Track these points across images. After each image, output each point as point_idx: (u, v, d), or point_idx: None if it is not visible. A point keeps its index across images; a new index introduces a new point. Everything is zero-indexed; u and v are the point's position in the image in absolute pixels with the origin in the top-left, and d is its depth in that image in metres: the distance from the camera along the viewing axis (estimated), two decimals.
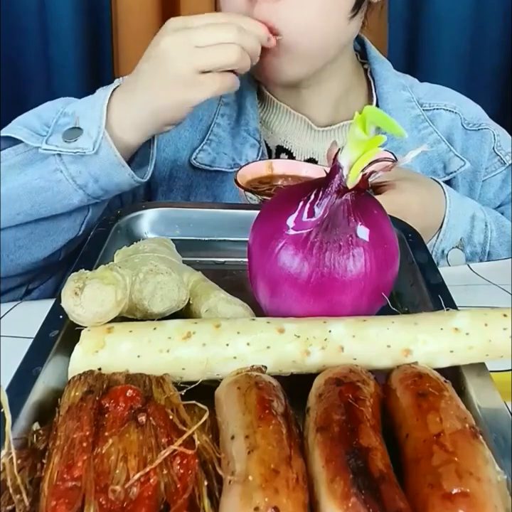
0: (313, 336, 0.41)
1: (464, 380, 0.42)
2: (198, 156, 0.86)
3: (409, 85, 0.93)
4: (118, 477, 0.32)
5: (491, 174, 0.92)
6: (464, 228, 0.78)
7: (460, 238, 0.77)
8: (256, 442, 0.32)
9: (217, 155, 0.86)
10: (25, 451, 0.34)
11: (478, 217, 0.80)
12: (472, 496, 0.30)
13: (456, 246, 0.77)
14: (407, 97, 0.91)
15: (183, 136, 0.88)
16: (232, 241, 0.63)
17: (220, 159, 0.86)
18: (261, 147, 0.85)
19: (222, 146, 0.86)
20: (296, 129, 0.88)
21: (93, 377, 0.38)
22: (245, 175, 0.74)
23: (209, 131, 0.87)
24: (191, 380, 0.40)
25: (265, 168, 0.77)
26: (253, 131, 0.86)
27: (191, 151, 0.87)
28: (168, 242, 0.56)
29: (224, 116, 0.88)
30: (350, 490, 0.30)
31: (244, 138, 0.86)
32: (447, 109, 0.93)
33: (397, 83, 0.92)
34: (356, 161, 0.43)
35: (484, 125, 0.93)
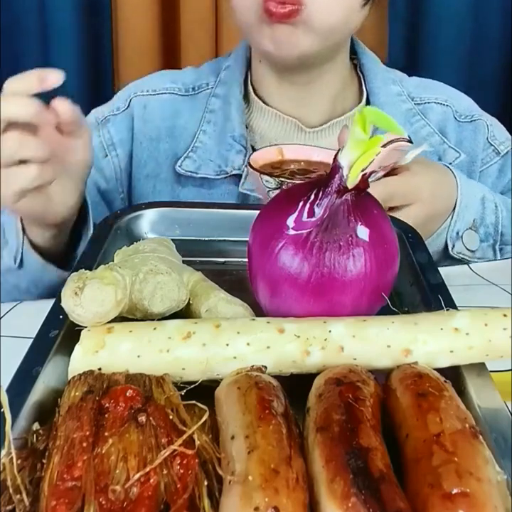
0: (313, 335, 0.41)
1: (464, 380, 0.42)
2: (184, 164, 0.86)
3: (398, 79, 0.93)
4: (118, 477, 0.32)
5: (487, 165, 0.92)
6: (476, 209, 0.78)
7: (473, 219, 0.78)
8: (256, 442, 0.32)
9: (203, 162, 0.86)
10: (25, 451, 0.34)
11: (487, 198, 0.80)
12: (472, 495, 0.30)
13: (470, 227, 0.77)
14: (398, 91, 0.91)
15: (162, 149, 0.88)
16: (232, 241, 0.63)
17: (205, 166, 0.85)
18: (247, 153, 0.84)
19: (208, 153, 0.86)
20: (286, 133, 0.87)
21: (93, 377, 0.38)
22: (257, 160, 0.73)
23: (195, 139, 0.87)
24: (191, 380, 0.40)
25: (276, 154, 0.76)
26: (239, 137, 0.85)
27: (174, 162, 0.87)
28: (168, 242, 0.56)
29: (210, 123, 0.88)
30: (350, 490, 0.30)
31: (230, 144, 0.85)
32: (438, 102, 0.92)
33: (387, 77, 0.91)
34: (356, 161, 0.43)
35: (477, 116, 0.92)
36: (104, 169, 0.89)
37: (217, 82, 0.90)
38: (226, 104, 0.87)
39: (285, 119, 0.87)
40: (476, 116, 0.93)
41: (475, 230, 0.78)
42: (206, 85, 0.90)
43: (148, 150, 0.88)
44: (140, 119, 0.89)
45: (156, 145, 0.88)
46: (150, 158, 0.88)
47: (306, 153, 0.77)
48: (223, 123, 0.87)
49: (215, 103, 0.88)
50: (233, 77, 0.88)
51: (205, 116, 0.88)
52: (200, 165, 0.86)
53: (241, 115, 0.87)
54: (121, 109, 0.90)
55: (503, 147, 0.93)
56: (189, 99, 0.90)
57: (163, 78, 0.93)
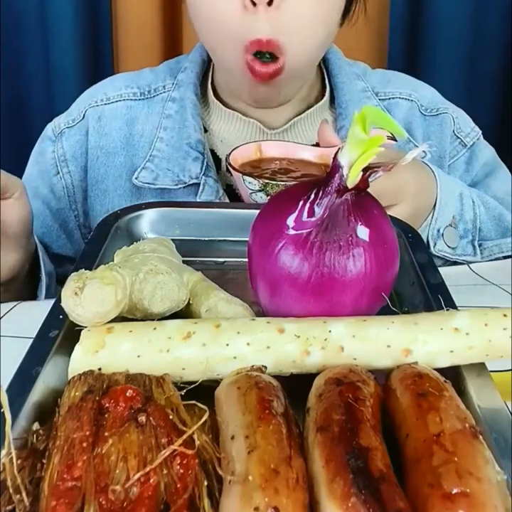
0: (313, 335, 0.41)
1: (464, 380, 0.42)
2: (140, 175, 0.83)
3: (362, 74, 0.91)
4: (118, 477, 0.32)
5: (454, 158, 0.91)
6: (454, 206, 0.77)
7: (452, 216, 0.77)
8: (256, 442, 0.32)
9: (161, 171, 0.82)
10: (25, 451, 0.34)
11: (465, 194, 0.79)
12: (472, 495, 0.30)
13: (450, 224, 0.77)
14: (362, 86, 0.89)
15: (117, 163, 0.85)
16: (232, 241, 0.63)
17: (163, 176, 0.82)
18: (205, 159, 0.82)
19: (166, 161, 0.83)
20: (248, 135, 0.85)
21: (93, 377, 0.38)
22: (236, 159, 0.71)
23: (152, 147, 0.84)
24: (191, 380, 0.40)
25: (254, 151, 0.74)
26: (195, 143, 0.82)
27: (131, 175, 0.84)
28: (168, 242, 0.56)
29: (167, 129, 0.84)
30: (350, 490, 0.30)
31: (186, 151, 0.82)
32: (403, 97, 0.91)
33: (351, 72, 0.90)
34: (356, 161, 0.43)
35: (442, 109, 0.91)
36: (55, 187, 0.87)
37: (174, 85, 0.86)
38: (182, 108, 0.84)
39: (246, 121, 0.84)
40: (441, 109, 0.91)
41: (454, 226, 0.77)
42: (163, 88, 0.87)
43: (104, 165, 0.86)
44: (95, 133, 0.86)
45: (112, 159, 0.85)
46: (107, 173, 0.86)
47: (285, 151, 0.74)
48: (180, 129, 0.84)
49: (171, 107, 0.85)
50: (189, 79, 0.86)
51: (161, 122, 0.85)
52: (158, 175, 0.82)
53: (197, 120, 0.84)
54: (76, 120, 0.88)
55: (469, 139, 0.91)
56: (145, 103, 0.87)
57: (118, 83, 0.89)
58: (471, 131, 0.92)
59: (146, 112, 0.86)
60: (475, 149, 0.92)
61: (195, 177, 0.81)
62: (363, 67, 0.94)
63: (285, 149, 0.75)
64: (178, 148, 0.83)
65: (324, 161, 0.73)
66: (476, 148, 0.92)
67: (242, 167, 0.71)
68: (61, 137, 0.87)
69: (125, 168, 0.85)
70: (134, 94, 0.87)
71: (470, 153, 0.92)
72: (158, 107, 0.86)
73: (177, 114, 0.84)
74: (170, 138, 0.84)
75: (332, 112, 0.89)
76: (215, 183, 0.81)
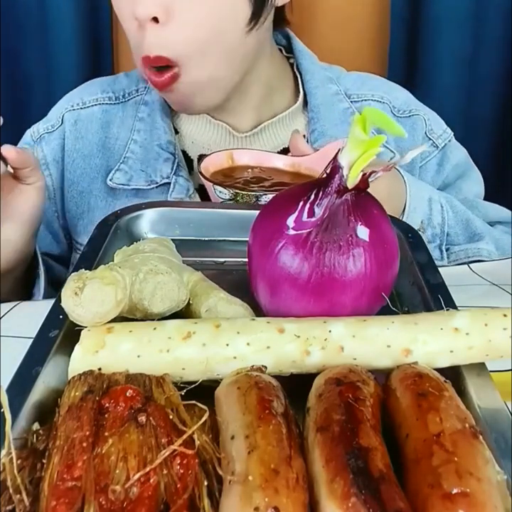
0: (313, 335, 0.41)
1: (464, 380, 0.42)
2: (114, 177, 0.85)
3: (336, 77, 0.92)
4: (118, 477, 0.32)
5: (425, 160, 0.92)
6: (423, 211, 0.78)
7: (421, 221, 0.77)
8: (256, 442, 0.32)
9: (135, 173, 0.84)
10: (25, 451, 0.34)
11: (434, 199, 0.80)
12: (472, 496, 0.30)
13: (418, 229, 0.77)
14: (335, 90, 0.90)
15: (93, 164, 0.87)
16: (232, 241, 0.63)
17: (137, 177, 0.84)
18: (176, 159, 0.83)
19: (139, 162, 0.85)
20: (218, 137, 0.87)
21: (93, 377, 0.38)
22: (208, 167, 0.71)
23: (126, 149, 0.86)
24: (191, 380, 0.40)
25: (226, 159, 0.74)
26: (165, 144, 0.84)
27: (106, 175, 0.86)
28: (168, 242, 0.56)
29: (140, 131, 0.86)
30: (350, 490, 0.30)
31: (157, 153, 0.84)
32: (375, 99, 0.92)
33: (324, 76, 0.90)
34: (356, 161, 0.43)
35: (414, 111, 0.92)
36: None
37: (147, 89, 0.89)
38: (153, 111, 0.86)
39: (215, 123, 0.86)
40: (413, 111, 0.92)
41: (423, 231, 0.78)
42: (136, 92, 0.89)
43: (81, 167, 0.87)
44: (71, 137, 0.88)
45: (88, 161, 0.87)
46: (83, 175, 0.87)
47: (257, 159, 0.75)
48: (151, 131, 0.86)
49: (144, 111, 0.87)
50: None
51: (135, 125, 0.87)
52: (132, 176, 0.84)
53: (166, 121, 0.86)
54: (55, 126, 0.89)
55: (440, 140, 0.92)
56: (120, 107, 0.89)
57: (94, 88, 0.91)
58: (443, 133, 0.93)
59: (121, 116, 0.89)
60: (446, 151, 0.92)
61: (166, 177, 0.83)
62: (338, 71, 0.95)
63: (257, 157, 0.75)
64: (150, 150, 0.85)
65: (296, 169, 0.74)
66: (448, 150, 0.92)
67: (213, 175, 0.71)
68: (40, 142, 0.89)
69: (101, 170, 0.87)
70: (109, 99, 0.90)
71: (441, 155, 0.92)
72: (132, 110, 0.88)
73: (149, 117, 0.87)
74: (143, 140, 0.86)
75: (305, 116, 0.90)
76: (185, 182, 0.83)
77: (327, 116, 0.87)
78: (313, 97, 0.88)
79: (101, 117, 0.88)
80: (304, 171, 0.74)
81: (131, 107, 0.89)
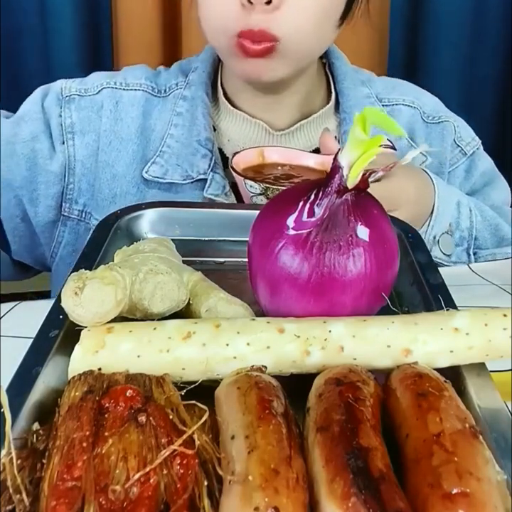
0: (313, 335, 0.41)
1: (464, 380, 0.42)
2: (150, 169, 0.84)
3: (366, 80, 0.93)
4: (118, 477, 0.32)
5: (454, 166, 0.93)
6: (451, 214, 0.79)
7: (449, 224, 0.78)
8: (256, 442, 0.32)
9: (170, 167, 0.84)
10: (25, 451, 0.34)
11: (462, 203, 0.81)
12: (472, 495, 0.30)
13: (446, 232, 0.78)
14: (367, 92, 0.91)
15: (130, 149, 0.86)
16: (232, 241, 0.63)
17: (172, 171, 0.84)
18: (213, 157, 0.84)
19: (175, 157, 0.85)
20: (254, 135, 0.87)
21: (93, 377, 0.38)
22: (239, 163, 0.72)
23: (162, 142, 0.86)
24: (191, 380, 0.40)
25: (256, 156, 0.75)
26: (204, 141, 0.84)
27: (142, 164, 0.85)
28: (168, 242, 0.56)
29: (177, 126, 0.86)
30: (350, 490, 0.30)
31: (195, 148, 0.84)
32: (406, 104, 0.92)
33: (356, 78, 0.91)
34: (356, 161, 0.43)
35: (444, 117, 0.93)
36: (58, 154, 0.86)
37: (186, 84, 0.89)
38: (193, 106, 0.86)
39: (253, 122, 0.86)
40: (443, 117, 0.93)
41: (450, 234, 0.79)
42: (175, 86, 0.89)
43: (116, 150, 0.86)
44: (111, 117, 0.86)
45: (125, 145, 0.86)
46: (118, 158, 0.86)
47: (287, 157, 0.76)
48: (190, 126, 0.86)
49: (182, 106, 0.87)
50: (200, 79, 0.88)
51: (172, 119, 0.87)
52: (168, 170, 0.84)
53: (207, 118, 0.86)
54: (89, 92, 0.87)
55: (469, 148, 0.93)
56: (160, 100, 0.89)
57: (138, 72, 0.90)
58: (472, 141, 0.94)
59: (159, 109, 0.88)
60: (474, 158, 0.93)
61: (203, 172, 0.83)
62: (368, 74, 0.96)
63: (287, 155, 0.76)
64: (187, 145, 0.85)
65: (325, 168, 0.75)
66: (476, 158, 0.94)
67: (244, 171, 0.72)
68: (69, 102, 0.86)
69: (137, 156, 0.86)
70: (152, 89, 0.89)
71: (469, 162, 0.93)
72: (170, 104, 0.88)
73: (187, 112, 0.86)
74: (180, 135, 0.86)
75: (336, 117, 0.90)
76: (222, 180, 0.83)
77: None
78: (345, 97, 0.88)
79: (142, 104, 0.87)
80: None
81: (169, 101, 0.88)
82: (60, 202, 0.86)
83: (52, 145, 0.85)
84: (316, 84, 0.90)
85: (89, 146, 0.86)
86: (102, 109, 0.87)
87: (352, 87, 0.89)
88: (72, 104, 0.86)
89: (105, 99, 0.87)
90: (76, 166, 0.86)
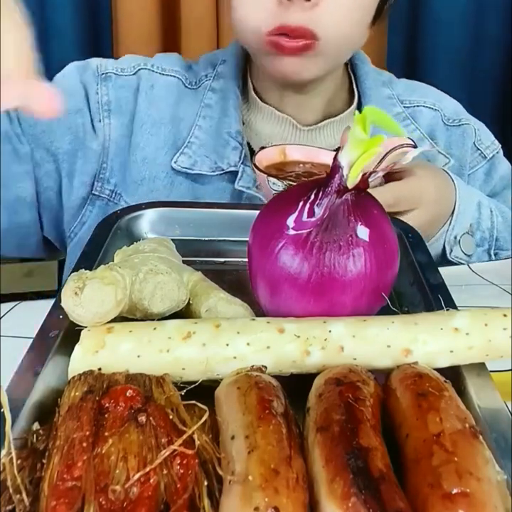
0: (313, 335, 0.41)
1: (464, 380, 0.42)
2: (179, 160, 0.84)
3: (388, 81, 0.93)
4: (118, 477, 0.32)
5: (474, 169, 0.93)
6: (472, 214, 0.79)
7: (470, 224, 0.78)
8: (256, 442, 0.32)
9: (199, 158, 0.84)
10: (25, 451, 0.34)
11: (483, 203, 0.81)
12: (472, 495, 0.30)
13: (467, 232, 0.78)
14: (388, 93, 0.92)
15: (161, 134, 0.86)
16: (232, 241, 0.63)
17: (201, 162, 0.84)
18: (243, 150, 0.84)
19: (204, 148, 0.85)
20: (281, 130, 0.87)
21: (93, 377, 0.38)
22: (261, 160, 0.72)
23: (190, 133, 0.85)
24: (191, 380, 0.40)
25: (278, 154, 0.75)
26: (235, 133, 0.84)
27: (172, 150, 0.85)
28: (168, 242, 0.56)
29: (206, 118, 0.86)
30: (350, 490, 0.30)
31: (226, 141, 0.84)
32: (427, 106, 0.93)
33: (378, 79, 0.92)
34: (356, 161, 0.43)
35: (464, 120, 0.93)
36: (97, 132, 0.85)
37: (214, 76, 0.88)
38: (223, 99, 0.86)
39: (281, 117, 0.86)
40: (463, 120, 0.93)
41: (471, 234, 0.79)
42: (205, 77, 0.89)
43: (148, 133, 0.85)
44: (146, 99, 0.86)
45: (157, 129, 0.85)
46: (149, 141, 0.85)
47: (309, 155, 0.76)
48: (220, 118, 0.86)
49: (211, 97, 0.87)
50: (231, 72, 0.88)
51: (201, 110, 0.87)
52: (196, 161, 0.84)
53: (238, 111, 0.86)
54: (125, 73, 0.87)
55: (489, 151, 0.94)
56: (190, 91, 0.89)
57: (173, 60, 0.90)
58: (491, 144, 0.94)
59: (189, 100, 0.88)
60: (494, 161, 0.94)
61: (234, 165, 0.83)
62: (389, 76, 0.96)
63: (309, 153, 0.76)
64: (216, 137, 0.85)
65: None
66: (496, 161, 0.94)
67: (266, 169, 0.72)
68: (106, 80, 0.86)
69: (168, 142, 0.85)
70: (185, 79, 0.89)
71: (489, 165, 0.94)
72: (199, 96, 0.88)
73: (217, 104, 0.86)
74: (208, 127, 0.86)
75: None
76: (252, 173, 0.83)
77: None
78: (368, 98, 0.89)
79: (176, 91, 0.87)
80: None
81: (199, 92, 0.88)
82: (93, 180, 0.86)
83: (92, 121, 0.85)
84: (341, 83, 0.90)
85: (123, 126, 0.86)
86: (137, 90, 0.86)
87: (374, 87, 0.90)
88: (109, 82, 0.86)
89: (141, 80, 0.87)
90: (110, 145, 0.85)
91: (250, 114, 0.89)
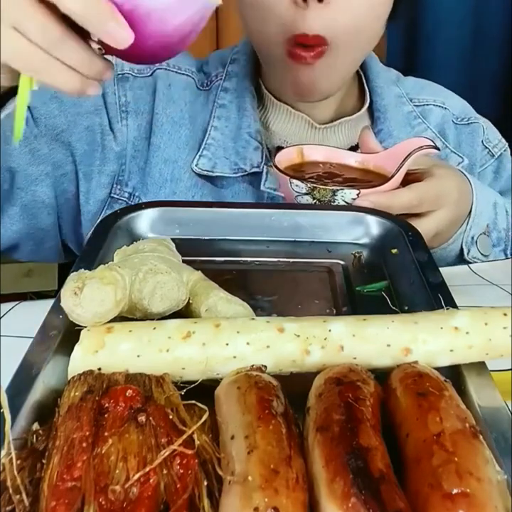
0: (313, 335, 0.41)
1: (464, 379, 0.42)
2: (200, 162, 0.82)
3: (396, 79, 0.93)
4: (118, 477, 0.32)
5: (483, 167, 0.94)
6: (488, 214, 0.79)
7: (486, 224, 0.78)
8: (256, 442, 0.32)
9: (218, 160, 0.82)
10: (25, 451, 0.34)
11: (499, 203, 0.81)
12: (472, 496, 0.30)
13: (483, 232, 0.78)
14: (398, 92, 0.91)
15: (182, 134, 0.84)
16: (232, 240, 0.63)
17: (221, 164, 0.82)
18: (264, 149, 0.82)
19: (223, 150, 0.83)
20: (297, 128, 0.86)
21: (93, 377, 0.38)
22: (281, 162, 0.71)
23: (206, 135, 0.84)
24: (191, 380, 0.40)
25: (296, 155, 0.75)
26: (255, 133, 0.82)
27: (192, 151, 0.83)
28: (168, 242, 0.56)
29: (221, 118, 0.84)
30: (350, 490, 0.30)
31: (246, 141, 0.82)
32: (437, 104, 0.93)
33: (388, 77, 0.91)
34: None
35: (473, 119, 0.94)
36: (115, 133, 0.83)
37: (225, 75, 0.87)
38: (239, 98, 0.85)
39: (296, 114, 0.85)
40: (472, 119, 0.94)
41: (488, 234, 0.79)
42: (215, 77, 0.87)
43: (168, 133, 0.84)
44: (164, 99, 0.84)
45: (177, 129, 0.84)
46: (170, 141, 0.83)
47: (327, 155, 0.76)
48: (237, 118, 0.84)
49: (224, 97, 0.85)
50: (243, 71, 0.86)
51: (215, 111, 0.85)
52: (216, 163, 0.82)
53: (256, 110, 0.84)
54: (142, 74, 0.85)
55: (496, 149, 0.94)
56: (202, 93, 0.87)
57: (189, 61, 0.89)
58: (499, 143, 0.95)
59: (201, 101, 0.87)
60: (503, 159, 0.94)
61: (257, 166, 0.81)
62: (396, 74, 0.96)
63: (328, 153, 0.76)
64: (234, 138, 0.83)
65: (365, 166, 0.75)
66: (504, 159, 0.94)
67: (285, 170, 0.71)
68: (124, 82, 0.84)
69: (189, 142, 0.84)
70: (198, 81, 0.88)
71: (498, 163, 0.94)
72: (211, 96, 0.87)
73: (231, 104, 0.85)
74: (224, 127, 0.84)
75: (369, 116, 0.90)
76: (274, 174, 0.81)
77: (393, 117, 0.88)
78: (379, 96, 0.88)
79: (191, 91, 0.86)
80: (372, 168, 0.75)
81: (211, 93, 0.87)
82: (112, 182, 0.84)
83: (110, 122, 0.83)
84: (353, 81, 0.89)
85: (141, 128, 0.84)
86: (155, 90, 0.85)
87: (384, 86, 0.89)
88: (126, 83, 0.84)
89: (158, 80, 0.85)
90: (127, 147, 0.84)
91: (265, 113, 0.87)
